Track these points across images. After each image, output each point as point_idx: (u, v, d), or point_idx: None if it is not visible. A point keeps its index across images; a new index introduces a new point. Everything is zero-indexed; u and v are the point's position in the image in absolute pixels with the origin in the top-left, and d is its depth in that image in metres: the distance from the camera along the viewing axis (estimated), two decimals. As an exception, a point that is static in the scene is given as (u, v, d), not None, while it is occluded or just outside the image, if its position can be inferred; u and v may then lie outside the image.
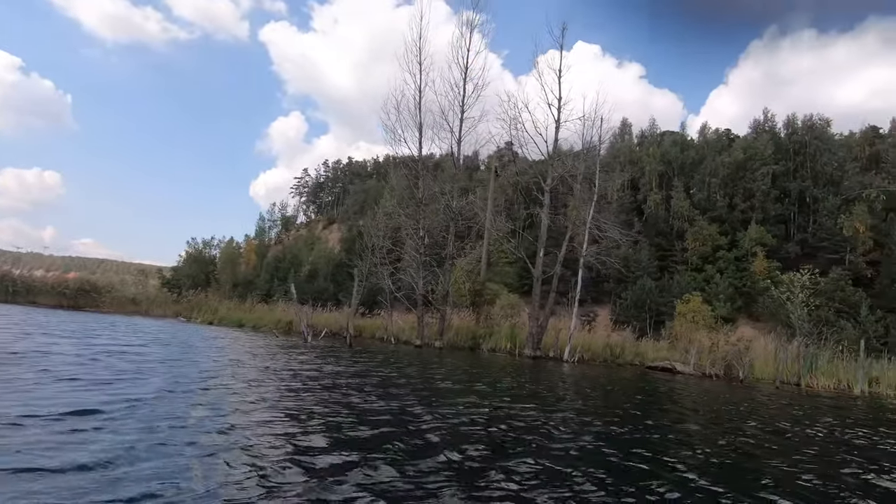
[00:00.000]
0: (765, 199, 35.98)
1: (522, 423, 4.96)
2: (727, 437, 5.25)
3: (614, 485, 3.03)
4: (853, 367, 13.10)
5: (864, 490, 3.38)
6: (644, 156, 41.39)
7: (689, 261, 36.78)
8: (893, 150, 34.94)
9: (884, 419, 8.57)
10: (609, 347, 15.13)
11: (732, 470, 3.85)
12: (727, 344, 13.42)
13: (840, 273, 31.16)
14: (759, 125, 39.62)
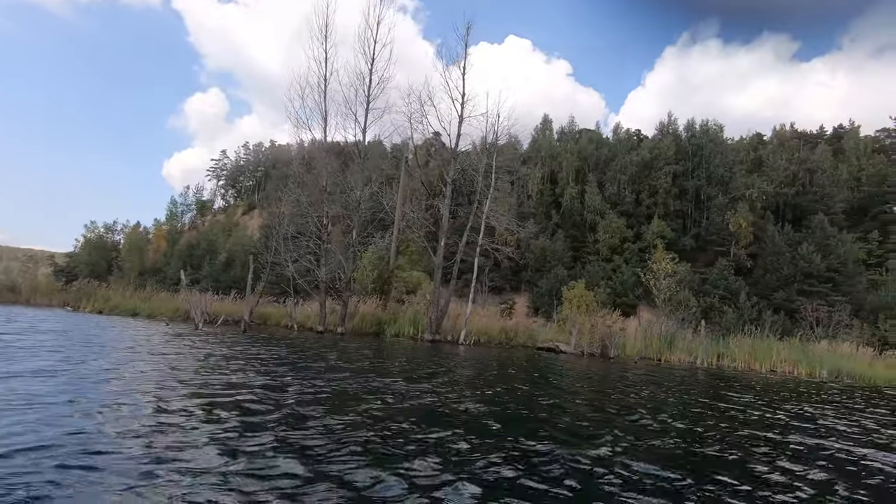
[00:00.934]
0: (666, 196, 39.12)
1: (378, 391, 5.36)
2: (554, 393, 5.90)
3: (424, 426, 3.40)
4: (707, 344, 14.82)
5: (618, 425, 4.05)
6: (563, 151, 43.42)
7: (600, 251, 39.34)
8: (773, 155, 39.28)
9: (693, 381, 9.88)
10: (504, 331, 15.95)
11: (548, 412, 4.41)
12: (604, 326, 14.65)
13: (724, 264, 34.79)
14: (664, 127, 42.98)
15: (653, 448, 3.88)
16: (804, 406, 7.30)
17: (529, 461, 3.13)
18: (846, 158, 38.90)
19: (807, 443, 4.53)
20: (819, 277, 32.77)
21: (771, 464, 3.62)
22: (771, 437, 4.69)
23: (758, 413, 6.13)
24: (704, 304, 33.27)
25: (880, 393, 10.80)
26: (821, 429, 5.37)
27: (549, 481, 2.75)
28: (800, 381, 12.08)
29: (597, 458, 3.28)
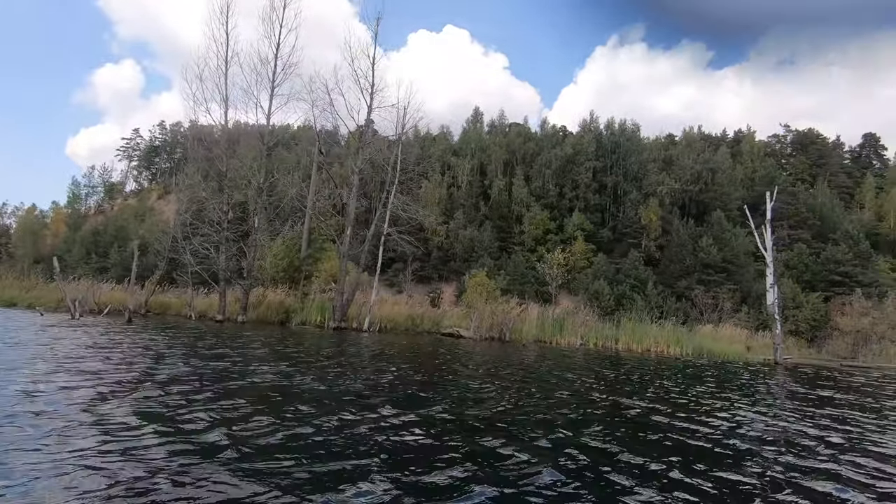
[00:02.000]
0: (587, 190, 41.15)
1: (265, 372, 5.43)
2: (436, 365, 6.21)
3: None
4: (598, 327, 16.00)
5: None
6: (492, 144, 44.38)
7: (525, 242, 40.83)
8: (682, 155, 42.40)
9: (568, 359, 10.72)
10: (411, 318, 16.28)
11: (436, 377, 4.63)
12: (502, 312, 15.38)
13: (636, 255, 37.31)
14: (587, 125, 45.15)
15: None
16: (637, 374, 8.18)
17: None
18: (743, 160, 42.81)
19: (602, 398, 5.14)
20: (716, 268, 35.94)
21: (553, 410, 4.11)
22: (573, 395, 5.27)
23: (582, 377, 6.81)
24: (617, 293, 35.52)
25: (714, 365, 12.25)
26: (625, 388, 6.10)
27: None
28: (662, 359, 13.40)
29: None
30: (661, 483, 2.97)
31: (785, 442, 4.36)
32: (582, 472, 3.06)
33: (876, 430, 5.08)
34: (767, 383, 9.49)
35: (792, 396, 7.90)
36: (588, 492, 2.73)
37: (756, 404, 6.52)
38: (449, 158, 45.26)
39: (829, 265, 34.87)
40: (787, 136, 45.77)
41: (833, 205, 39.17)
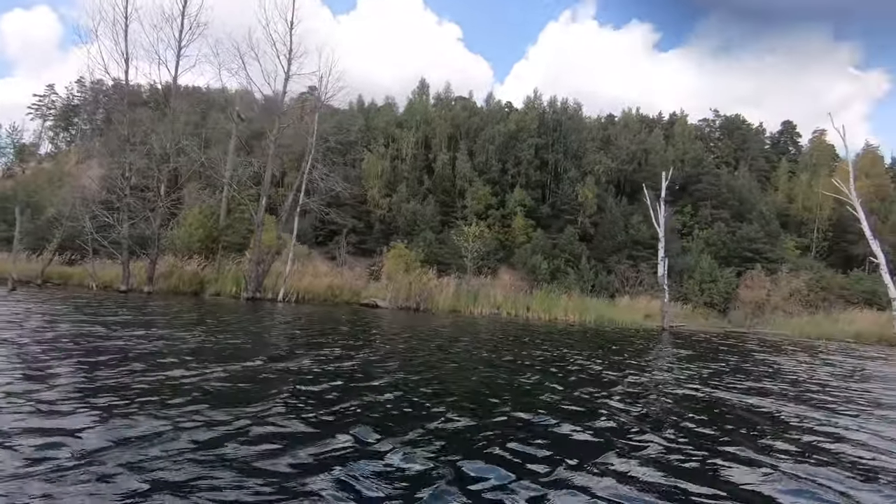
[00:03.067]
0: (528, 167, 41.86)
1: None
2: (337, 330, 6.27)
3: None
4: (513, 297, 16.66)
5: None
6: (437, 118, 44.02)
7: (467, 217, 41.29)
8: (619, 135, 43.81)
9: (472, 326, 11.19)
10: (331, 289, 16.26)
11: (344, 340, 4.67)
12: (420, 283, 15.68)
13: (572, 231, 38.69)
14: (531, 102, 45.58)
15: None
16: (515, 336, 8.68)
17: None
18: (675, 142, 44.83)
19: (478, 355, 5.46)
20: (644, 244, 37.87)
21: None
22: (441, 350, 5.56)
23: (465, 338, 7.17)
24: (553, 267, 36.83)
25: (604, 331, 13.17)
26: (513, 351, 6.48)
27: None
28: (564, 326, 14.21)
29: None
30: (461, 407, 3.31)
31: (595, 381, 4.89)
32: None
33: (664, 371, 5.76)
34: (634, 343, 10.36)
35: (644, 352, 8.71)
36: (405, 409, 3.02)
37: (604, 357, 7.19)
38: (393, 130, 44.57)
39: (744, 243, 37.57)
40: (715, 121, 48.33)
41: (751, 187, 41.96)
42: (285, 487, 2.16)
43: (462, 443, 3.05)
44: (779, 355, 10.41)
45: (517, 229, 39.67)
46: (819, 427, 4.16)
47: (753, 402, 5.16)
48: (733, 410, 4.70)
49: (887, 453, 3.45)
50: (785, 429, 4.16)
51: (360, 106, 49.41)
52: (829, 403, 5.29)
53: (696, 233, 39.36)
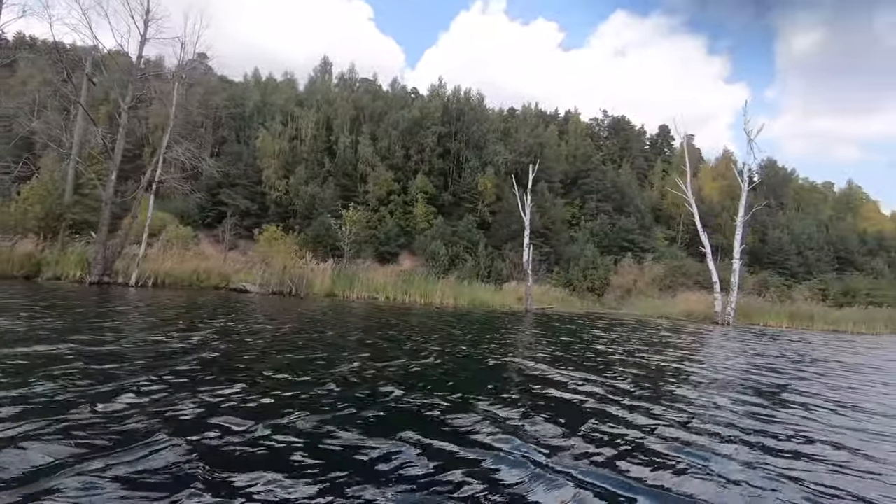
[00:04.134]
0: (431, 155, 42.27)
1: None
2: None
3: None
4: (392, 282, 16.85)
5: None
6: (339, 98, 42.73)
7: (369, 202, 40.83)
8: (519, 128, 45.77)
9: (345, 309, 11.18)
10: (196, 273, 15.23)
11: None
12: (296, 267, 15.28)
13: (471, 219, 39.93)
14: (435, 90, 45.95)
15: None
16: (391, 320, 8.83)
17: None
18: (568, 139, 47.92)
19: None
20: (536, 233, 40.12)
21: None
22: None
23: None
24: (452, 253, 37.78)
25: (470, 313, 13.92)
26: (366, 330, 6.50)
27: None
28: (438, 310, 14.74)
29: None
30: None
31: (425, 350, 5.15)
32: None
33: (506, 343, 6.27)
34: (488, 322, 11.08)
35: (488, 329, 9.37)
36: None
37: (444, 334, 7.61)
38: (293, 108, 42.50)
39: (622, 233, 41.37)
40: (604, 121, 52.51)
41: (631, 183, 46.17)
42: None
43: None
44: (603, 330, 11.72)
45: (419, 216, 40.07)
46: (556, 379, 4.80)
47: (529, 365, 5.79)
48: (498, 370, 5.28)
49: (591, 396, 4.08)
50: (527, 383, 4.71)
51: (258, 80, 46.37)
52: (584, 365, 6.09)
53: (583, 223, 42.61)
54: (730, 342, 11.48)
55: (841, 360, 9.10)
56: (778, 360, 8.36)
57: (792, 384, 5.85)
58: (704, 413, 4.04)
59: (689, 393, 4.85)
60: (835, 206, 53.22)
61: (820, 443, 3.40)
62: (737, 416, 3.94)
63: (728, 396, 4.76)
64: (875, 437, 3.62)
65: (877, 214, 53.23)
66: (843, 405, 4.76)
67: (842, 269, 45.38)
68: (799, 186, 54.15)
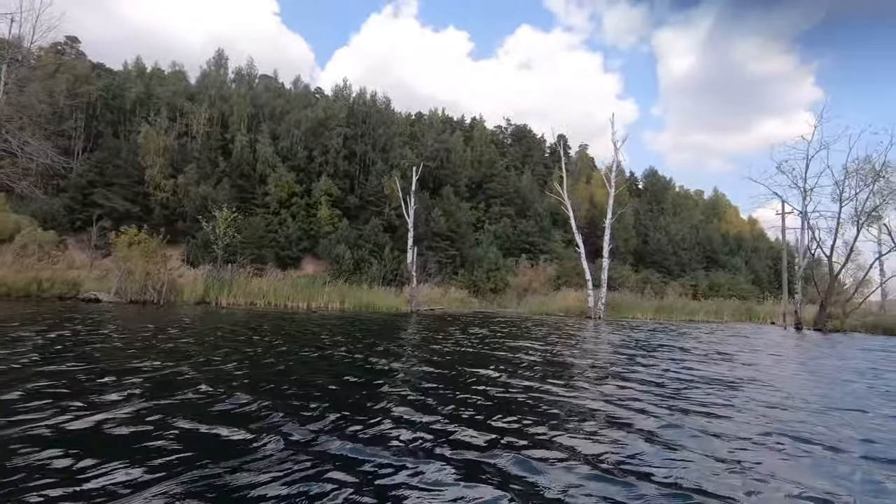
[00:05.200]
0: (337, 156, 41.37)
1: None
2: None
3: None
4: (277, 287, 16.17)
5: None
6: (236, 95, 40.35)
7: (270, 205, 38.95)
8: (425, 133, 46.38)
9: (207, 318, 10.46)
10: (37, 281, 13.43)
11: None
12: (161, 272, 14.08)
13: (377, 222, 39.67)
14: (340, 91, 45.19)
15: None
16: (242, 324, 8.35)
17: None
18: (473, 145, 49.48)
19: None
20: (442, 236, 40.91)
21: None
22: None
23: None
24: (357, 257, 37.20)
25: (355, 315, 13.85)
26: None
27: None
28: (320, 314, 14.42)
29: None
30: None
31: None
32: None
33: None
34: (364, 325, 11.05)
35: (363, 329, 9.35)
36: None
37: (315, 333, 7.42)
38: (182, 103, 39.30)
39: (523, 236, 43.49)
40: (507, 129, 55.04)
41: (532, 188, 48.67)
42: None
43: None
44: (478, 326, 12.24)
45: (323, 219, 38.99)
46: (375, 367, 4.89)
47: (367, 358, 5.86)
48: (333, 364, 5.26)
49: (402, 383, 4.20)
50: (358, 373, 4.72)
51: (141, 70, 42.26)
52: (420, 353, 6.31)
53: (487, 227, 44.17)
54: (580, 332, 12.50)
55: (670, 345, 10.31)
56: (619, 345, 9.28)
57: (610, 367, 6.50)
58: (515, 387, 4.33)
59: (505, 378, 5.15)
60: (704, 210, 60.49)
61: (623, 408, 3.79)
62: (543, 383, 4.28)
63: (548, 371, 5.17)
64: (660, 396, 4.16)
65: (736, 219, 61.35)
66: (627, 377, 5.38)
67: (709, 267, 51.58)
68: (676, 194, 60.77)
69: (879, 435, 3.55)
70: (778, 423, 3.84)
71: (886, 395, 5.34)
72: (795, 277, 24.00)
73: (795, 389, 5.60)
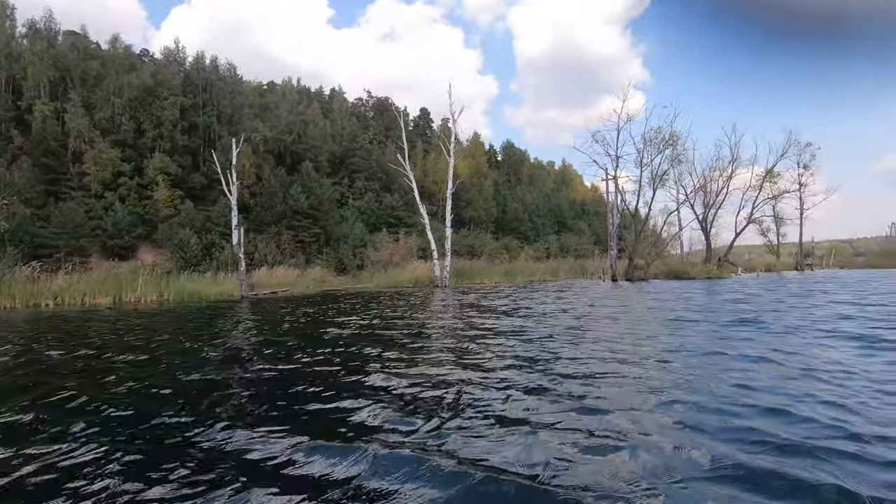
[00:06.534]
0: (173, 130, 36.82)
1: None
2: None
3: None
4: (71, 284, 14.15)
5: None
6: (30, 53, 33.35)
7: (91, 187, 33.55)
8: (279, 104, 43.46)
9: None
10: None
11: None
12: None
13: (226, 202, 36.60)
14: (172, 54, 39.89)
15: None
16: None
17: None
18: (334, 118, 47.78)
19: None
20: (303, 214, 39.32)
21: None
22: None
23: None
24: (206, 241, 34.06)
25: (159, 311, 12.89)
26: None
27: None
28: (128, 311, 13.07)
29: None
30: None
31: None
32: None
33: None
34: (183, 317, 10.31)
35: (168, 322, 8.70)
36: None
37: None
38: None
39: (388, 210, 43.75)
40: (369, 101, 54.07)
41: (396, 162, 48.78)
42: None
43: None
44: (307, 307, 12.21)
45: (161, 201, 34.79)
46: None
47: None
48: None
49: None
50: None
51: None
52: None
53: (352, 202, 43.51)
54: (413, 301, 13.20)
55: (480, 304, 11.42)
56: (436, 310, 10.01)
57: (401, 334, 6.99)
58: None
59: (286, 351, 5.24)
60: (555, 180, 66.72)
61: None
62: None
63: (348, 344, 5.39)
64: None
65: (581, 186, 68.81)
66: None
67: (559, 231, 57.44)
68: (532, 165, 65.90)
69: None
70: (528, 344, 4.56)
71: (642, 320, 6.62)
72: (611, 235, 27.82)
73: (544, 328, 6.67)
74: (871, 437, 2.61)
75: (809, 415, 3.00)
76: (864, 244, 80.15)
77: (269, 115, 42.36)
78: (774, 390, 3.64)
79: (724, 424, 2.85)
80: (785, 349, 5.19)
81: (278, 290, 20.56)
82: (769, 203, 41.26)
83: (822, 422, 2.87)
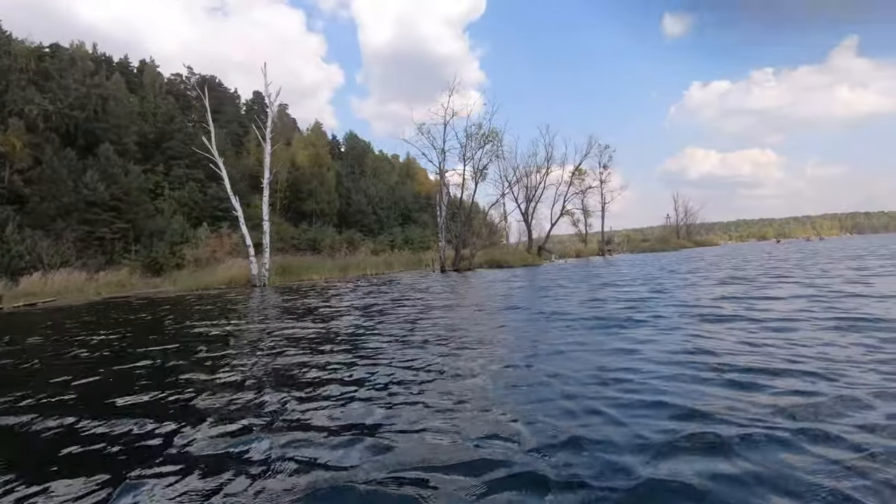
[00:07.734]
0: None
1: None
2: None
3: None
4: None
5: None
6: None
7: None
8: (64, 72, 36.04)
9: None
10: None
11: None
12: None
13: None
14: None
15: None
16: None
17: None
18: (145, 94, 41.46)
19: None
20: (104, 206, 33.51)
21: None
22: None
23: None
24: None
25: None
26: None
27: None
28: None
29: None
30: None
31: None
32: None
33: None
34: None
35: None
36: None
37: None
38: None
39: (215, 202, 39.85)
40: (190, 78, 48.13)
41: (225, 149, 44.52)
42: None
43: None
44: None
45: None
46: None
47: None
48: None
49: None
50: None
51: None
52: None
53: (169, 192, 38.57)
54: (211, 309, 12.41)
55: (296, 305, 11.26)
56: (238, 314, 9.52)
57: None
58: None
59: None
60: (399, 173, 68.20)
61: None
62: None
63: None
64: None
65: (426, 180, 71.59)
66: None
67: (404, 223, 59.07)
68: (376, 157, 66.23)
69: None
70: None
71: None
72: (440, 228, 29.65)
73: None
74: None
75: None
76: (651, 232, 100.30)
77: (53, 84, 34.98)
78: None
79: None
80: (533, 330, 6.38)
81: (44, 300, 17.27)
82: (578, 196, 48.67)
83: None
